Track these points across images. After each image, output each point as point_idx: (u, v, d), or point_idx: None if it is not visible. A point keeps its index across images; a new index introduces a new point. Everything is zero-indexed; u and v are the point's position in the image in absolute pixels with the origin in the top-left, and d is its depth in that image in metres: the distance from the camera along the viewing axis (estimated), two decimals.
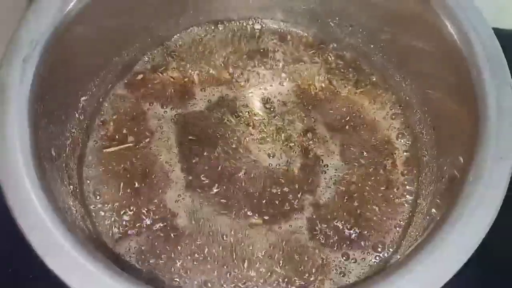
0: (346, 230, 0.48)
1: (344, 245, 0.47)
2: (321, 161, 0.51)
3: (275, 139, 0.52)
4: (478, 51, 0.41)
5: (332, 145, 0.52)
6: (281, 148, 0.51)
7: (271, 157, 0.51)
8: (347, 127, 0.53)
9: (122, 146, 0.51)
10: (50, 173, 0.41)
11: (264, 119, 0.53)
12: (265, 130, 0.52)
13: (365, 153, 0.51)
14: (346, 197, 0.49)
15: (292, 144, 0.51)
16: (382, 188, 0.50)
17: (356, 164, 0.51)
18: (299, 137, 0.52)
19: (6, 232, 0.42)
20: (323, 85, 0.55)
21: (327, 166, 0.50)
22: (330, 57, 0.56)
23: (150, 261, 0.46)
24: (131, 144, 0.51)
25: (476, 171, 0.37)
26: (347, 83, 0.55)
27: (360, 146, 0.51)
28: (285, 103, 0.54)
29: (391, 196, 0.49)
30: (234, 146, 0.51)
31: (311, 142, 0.51)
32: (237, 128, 0.52)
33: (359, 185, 0.50)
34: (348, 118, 0.53)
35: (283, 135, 0.52)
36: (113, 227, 0.47)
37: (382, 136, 0.52)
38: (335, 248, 0.47)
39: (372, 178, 0.50)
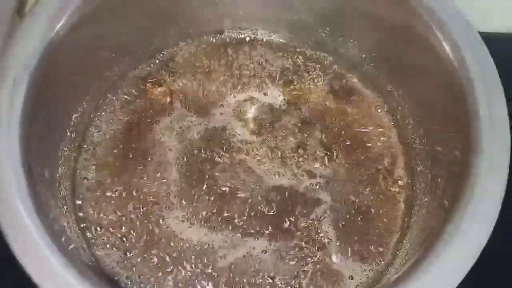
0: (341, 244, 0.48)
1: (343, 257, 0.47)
2: (313, 177, 0.50)
3: (271, 158, 0.51)
4: (468, 59, 0.42)
5: (325, 159, 0.51)
6: (279, 166, 0.51)
7: (276, 176, 0.50)
8: (340, 140, 0.52)
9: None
10: (44, 196, 0.40)
11: (255, 141, 0.52)
12: (259, 153, 0.52)
13: (357, 165, 0.51)
14: (340, 212, 0.49)
15: (286, 160, 0.51)
16: (376, 199, 0.50)
17: (349, 177, 0.50)
18: (290, 153, 0.51)
19: None
20: (315, 96, 0.55)
21: (319, 183, 0.50)
22: (320, 68, 0.56)
23: (148, 284, 0.45)
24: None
25: (471, 184, 0.37)
26: (338, 93, 0.55)
27: (352, 159, 0.51)
28: (276, 119, 0.53)
29: (385, 208, 0.49)
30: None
31: (301, 159, 0.51)
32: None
33: (352, 197, 0.49)
34: (341, 131, 0.53)
35: (279, 152, 0.52)
36: (109, 249, 0.46)
37: (374, 147, 0.52)
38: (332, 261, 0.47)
39: (366, 190, 0.50)
